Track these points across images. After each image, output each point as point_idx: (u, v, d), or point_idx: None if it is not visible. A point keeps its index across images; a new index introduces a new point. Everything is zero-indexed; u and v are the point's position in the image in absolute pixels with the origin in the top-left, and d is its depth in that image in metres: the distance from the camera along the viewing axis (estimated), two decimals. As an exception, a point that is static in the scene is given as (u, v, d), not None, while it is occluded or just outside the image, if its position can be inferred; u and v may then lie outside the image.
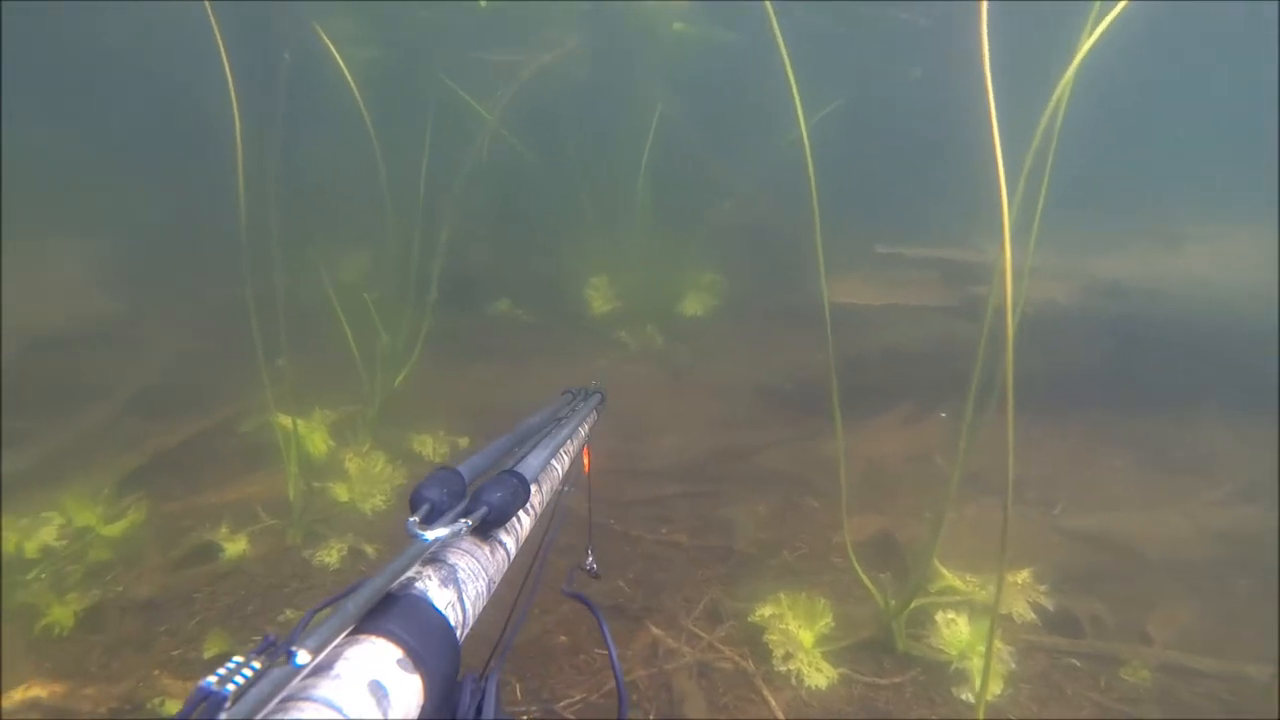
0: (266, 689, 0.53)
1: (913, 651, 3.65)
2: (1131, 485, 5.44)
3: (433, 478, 0.94)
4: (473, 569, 0.90)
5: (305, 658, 0.57)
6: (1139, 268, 6.71)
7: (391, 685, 0.64)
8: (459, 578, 0.86)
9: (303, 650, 0.57)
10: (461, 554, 0.91)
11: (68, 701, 3.16)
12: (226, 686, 0.52)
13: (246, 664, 0.54)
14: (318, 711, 0.56)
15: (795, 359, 6.81)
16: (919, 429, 6.07)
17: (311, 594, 4.03)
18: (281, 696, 0.56)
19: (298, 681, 0.58)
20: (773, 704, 3.35)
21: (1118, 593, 4.18)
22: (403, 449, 5.37)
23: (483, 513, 0.93)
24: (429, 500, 0.89)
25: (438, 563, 0.86)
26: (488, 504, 0.94)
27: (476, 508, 0.93)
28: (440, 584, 0.82)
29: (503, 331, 7.83)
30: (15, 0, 7.75)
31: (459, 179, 6.82)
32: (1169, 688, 3.48)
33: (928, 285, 6.71)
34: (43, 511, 4.16)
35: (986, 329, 3.12)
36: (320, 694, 0.58)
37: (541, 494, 1.21)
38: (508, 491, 0.98)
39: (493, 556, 0.97)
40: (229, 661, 0.54)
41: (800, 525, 4.79)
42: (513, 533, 1.06)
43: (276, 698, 0.55)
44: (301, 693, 0.58)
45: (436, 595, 0.80)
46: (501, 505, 0.96)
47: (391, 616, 0.71)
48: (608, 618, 3.82)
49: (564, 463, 1.38)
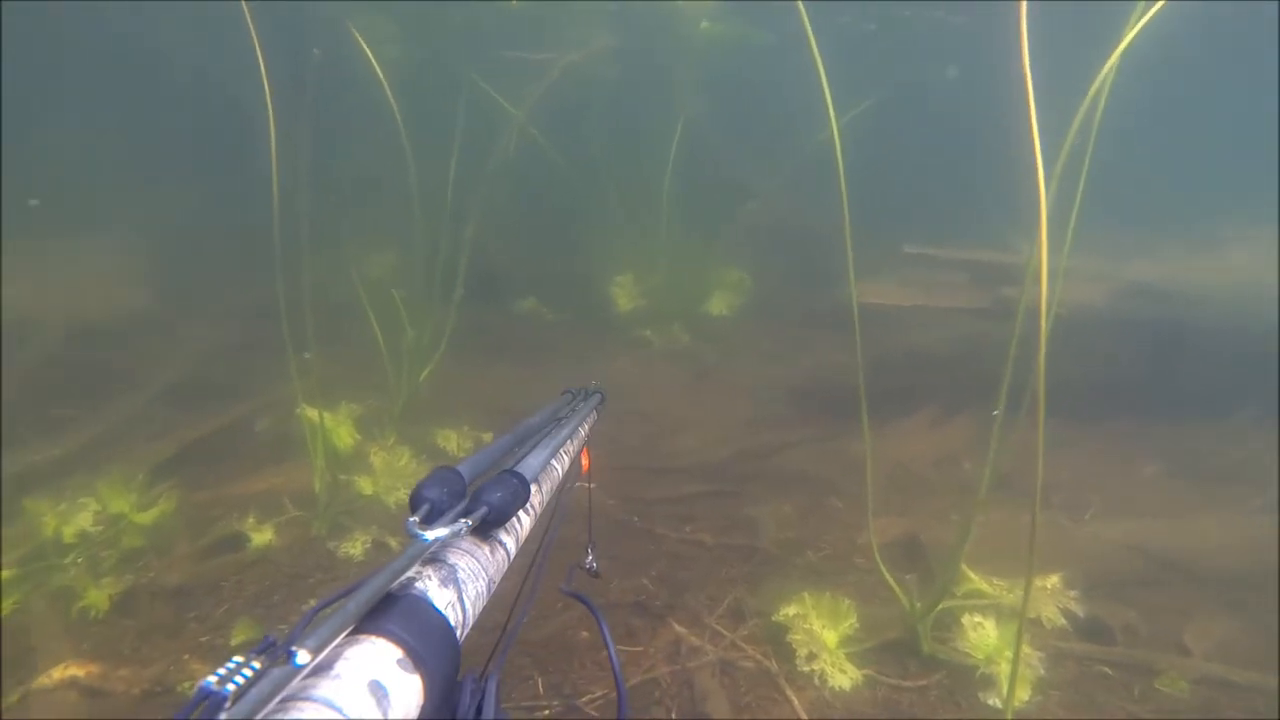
0: (266, 689, 0.53)
1: (938, 654, 3.60)
2: (1166, 492, 5.32)
3: (432, 478, 0.93)
4: (473, 569, 0.90)
5: (305, 658, 0.56)
6: (1177, 270, 6.56)
7: (391, 685, 0.64)
8: (459, 578, 0.86)
9: (303, 650, 0.56)
10: (461, 554, 0.91)
11: (103, 682, 3.22)
12: (226, 686, 0.52)
13: (246, 664, 0.54)
14: (318, 711, 0.56)
15: (822, 359, 6.76)
16: (946, 432, 5.99)
17: (335, 585, 4.06)
18: (281, 696, 0.56)
19: (298, 681, 0.58)
20: (795, 703, 3.32)
21: (1151, 601, 4.09)
22: (427, 443, 5.41)
23: (483, 513, 0.92)
24: (429, 500, 0.89)
25: (438, 563, 0.86)
26: (488, 504, 0.94)
27: (476, 508, 0.93)
28: (440, 584, 0.82)
29: (527, 329, 7.87)
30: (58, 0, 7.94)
31: (486, 177, 6.86)
32: (1209, 700, 3.39)
33: (957, 287, 6.62)
34: (79, 498, 4.24)
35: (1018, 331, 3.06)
36: (320, 694, 0.58)
37: (541, 494, 1.21)
38: (508, 491, 0.98)
39: (493, 556, 0.97)
40: (229, 661, 0.54)
41: (825, 526, 4.75)
42: (513, 533, 1.06)
43: (276, 698, 0.54)
44: (301, 693, 0.58)
45: (436, 595, 0.80)
46: (501, 505, 0.96)
47: (391, 616, 0.71)
48: (633, 614, 3.84)
49: (564, 463, 1.38)
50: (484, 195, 6.79)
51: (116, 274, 7.13)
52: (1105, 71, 2.78)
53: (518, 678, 3.39)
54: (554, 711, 3.21)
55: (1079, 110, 2.73)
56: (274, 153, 4.01)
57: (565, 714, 3.20)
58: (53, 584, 3.78)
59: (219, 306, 7.15)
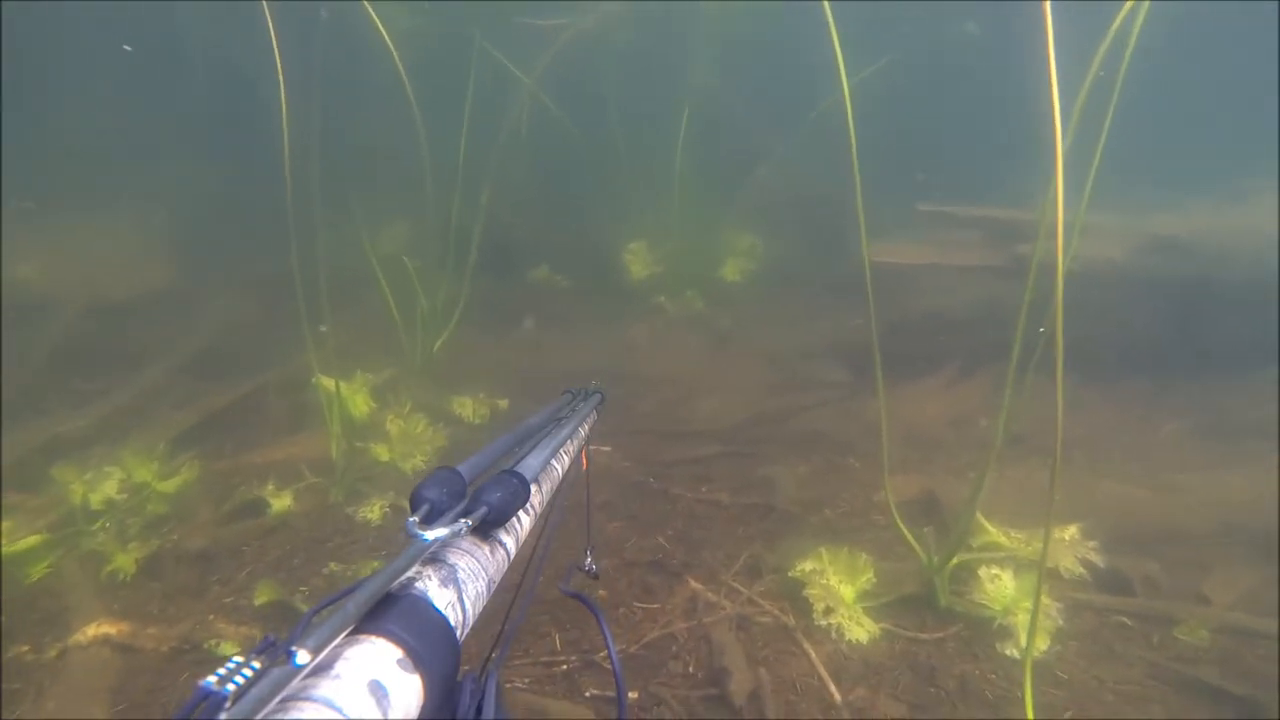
0: (266, 689, 0.53)
1: (955, 607, 3.60)
2: (1186, 449, 5.26)
3: (432, 478, 0.93)
4: (473, 569, 0.89)
5: (305, 658, 0.56)
6: (1200, 225, 6.40)
7: (391, 685, 0.64)
8: (459, 578, 0.86)
9: (303, 650, 0.56)
10: (461, 554, 0.90)
11: (133, 640, 3.32)
12: (226, 686, 0.52)
13: (246, 664, 0.54)
14: (318, 711, 0.56)
15: (836, 322, 6.71)
16: (963, 391, 5.94)
17: (354, 549, 4.13)
18: (281, 696, 0.56)
19: (298, 681, 0.58)
20: (813, 656, 3.33)
21: (1171, 554, 4.05)
22: (443, 411, 5.44)
23: (483, 513, 0.92)
24: (429, 500, 0.89)
25: (438, 563, 0.86)
26: (488, 504, 0.94)
27: (476, 508, 0.92)
28: (440, 584, 0.82)
29: (541, 297, 7.87)
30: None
31: (498, 145, 6.82)
32: (1230, 649, 3.36)
33: (973, 245, 6.51)
34: (104, 467, 4.33)
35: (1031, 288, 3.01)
36: (320, 694, 0.58)
37: (541, 494, 1.21)
38: (508, 491, 0.98)
39: (493, 556, 0.97)
40: (229, 661, 0.54)
41: (841, 485, 4.74)
42: (513, 532, 1.06)
43: (276, 698, 0.54)
44: (301, 693, 0.58)
45: (436, 595, 0.79)
46: (501, 505, 0.95)
47: (391, 616, 0.71)
48: (649, 573, 3.86)
49: (564, 463, 1.37)
50: (497, 163, 6.76)
51: (132, 250, 7.21)
52: (1120, 18, 2.69)
53: (535, 634, 3.43)
54: (571, 666, 3.25)
55: (1095, 59, 2.65)
56: (285, 126, 4.01)
57: (581, 668, 3.24)
58: (83, 548, 3.88)
59: (235, 280, 7.21)
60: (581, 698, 3.08)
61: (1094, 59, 2.71)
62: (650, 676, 3.20)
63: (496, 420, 5.55)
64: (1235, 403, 5.62)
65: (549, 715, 2.95)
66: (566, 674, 3.21)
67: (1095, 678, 3.23)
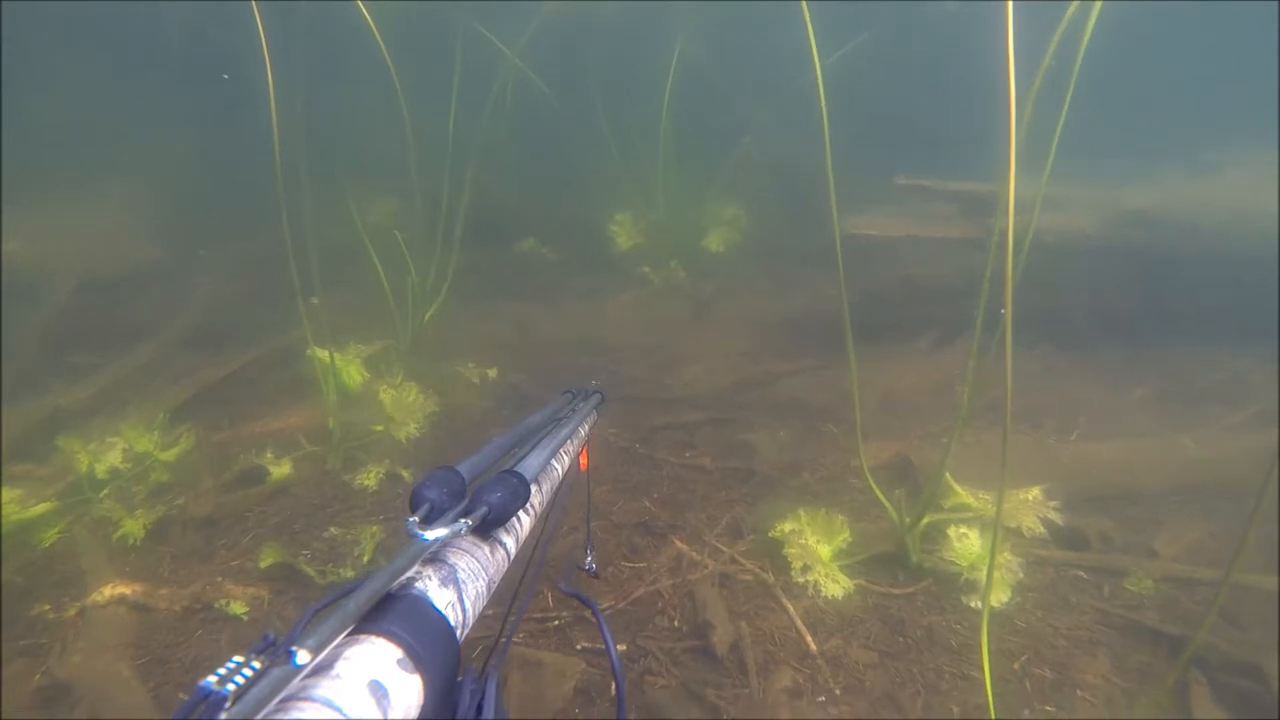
0: (266, 689, 0.54)
1: (926, 564, 3.82)
2: (1151, 413, 5.49)
3: (432, 478, 0.94)
4: (473, 569, 0.90)
5: (305, 658, 0.57)
6: (1171, 197, 6.58)
7: (391, 685, 0.64)
8: (459, 578, 0.86)
9: (303, 650, 0.57)
10: (461, 554, 0.91)
11: (148, 599, 3.49)
12: (226, 686, 0.52)
13: (246, 664, 0.55)
14: (318, 711, 0.56)
15: (818, 291, 6.88)
16: (940, 359, 6.14)
17: (352, 514, 4.30)
18: (281, 696, 0.56)
19: (298, 681, 0.58)
20: (791, 611, 3.55)
21: (1128, 513, 4.31)
22: (434, 381, 5.59)
23: (483, 512, 0.93)
24: (429, 500, 0.90)
25: (438, 562, 0.86)
26: (488, 504, 0.94)
27: (476, 507, 0.93)
28: (440, 584, 0.82)
29: (529, 268, 7.97)
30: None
31: (484, 119, 6.86)
32: (1170, 596, 3.63)
33: (949, 217, 6.67)
34: (106, 438, 4.45)
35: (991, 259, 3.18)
36: (320, 694, 0.58)
37: (541, 494, 1.21)
38: (507, 491, 0.98)
39: (493, 556, 0.97)
40: (229, 661, 0.55)
41: (820, 450, 4.94)
42: (512, 532, 1.06)
43: (276, 698, 0.55)
44: (301, 693, 0.58)
45: (436, 595, 0.80)
46: (501, 505, 0.96)
47: (391, 616, 0.71)
48: (636, 534, 4.06)
49: (564, 463, 1.38)
50: (483, 138, 6.81)
51: (121, 225, 7.23)
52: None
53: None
54: (563, 621, 3.45)
55: (1057, 32, 2.79)
56: (273, 98, 4.06)
57: (572, 623, 3.44)
58: (92, 515, 4.03)
59: (226, 255, 7.26)
60: (574, 650, 3.29)
61: (1059, 32, 2.84)
62: (638, 630, 3.42)
63: (486, 388, 5.71)
64: (1197, 370, 5.86)
65: (544, 665, 3.16)
66: (559, 629, 3.41)
67: (1050, 626, 3.48)
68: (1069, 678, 3.18)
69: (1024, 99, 2.84)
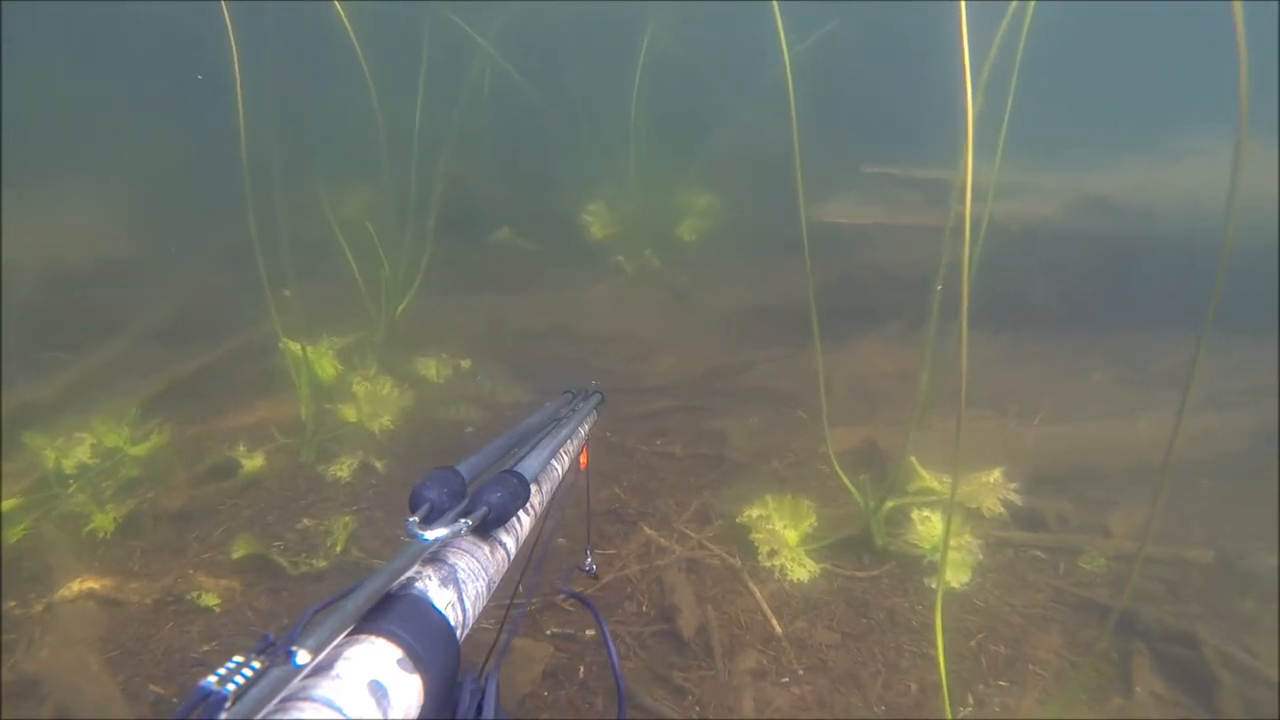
0: (266, 689, 0.54)
1: (890, 547, 3.92)
2: (1110, 397, 5.63)
3: (432, 478, 0.94)
4: (472, 569, 0.90)
5: (305, 658, 0.57)
6: (1131, 185, 6.71)
7: (391, 685, 0.64)
8: (459, 578, 0.86)
9: (303, 650, 0.57)
10: (461, 554, 0.91)
11: (118, 593, 3.50)
12: (226, 686, 0.53)
13: (246, 664, 0.55)
14: (318, 711, 0.57)
15: (789, 279, 6.90)
16: (907, 346, 6.23)
17: (325, 505, 4.32)
18: (281, 696, 0.56)
19: (298, 681, 0.59)
20: (757, 595, 3.64)
21: (1085, 494, 4.44)
22: (408, 372, 5.61)
23: (483, 513, 0.93)
24: (429, 500, 0.90)
25: (438, 562, 0.87)
26: (488, 504, 0.95)
27: (476, 507, 0.93)
28: (440, 584, 0.83)
29: (503, 259, 7.97)
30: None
31: (456, 109, 6.84)
32: (1120, 573, 3.76)
33: (915, 205, 6.77)
34: (74, 433, 4.43)
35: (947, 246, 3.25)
36: (320, 694, 0.59)
37: (541, 494, 1.22)
38: (507, 491, 0.99)
39: (492, 556, 0.98)
40: (229, 661, 0.55)
41: (790, 436, 5.02)
42: (512, 532, 1.07)
43: (276, 698, 0.55)
44: (301, 693, 0.58)
45: (436, 595, 0.80)
46: (501, 505, 0.96)
47: (391, 616, 0.71)
48: (607, 521, 4.12)
49: (564, 463, 1.38)
50: (457, 128, 6.79)
51: (92, 220, 7.14)
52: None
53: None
54: (532, 607, 3.50)
55: (1004, 22, 2.85)
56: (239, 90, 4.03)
57: (542, 609, 3.50)
58: (60, 510, 4.02)
59: (197, 248, 7.19)
60: (543, 635, 3.35)
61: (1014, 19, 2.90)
62: (608, 615, 3.49)
63: (459, 380, 5.73)
64: (1155, 354, 6.00)
65: (513, 650, 3.21)
66: (529, 615, 3.47)
67: (1007, 604, 3.59)
68: (1022, 653, 3.30)
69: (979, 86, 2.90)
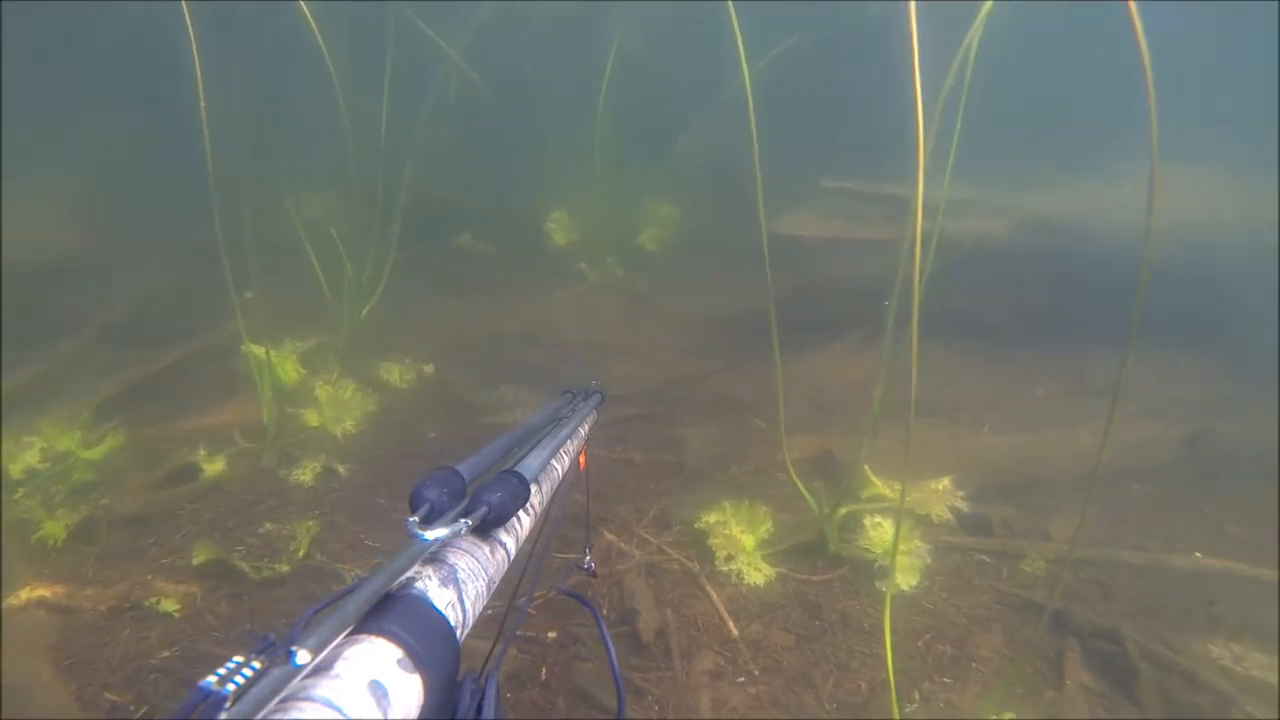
0: (266, 689, 0.54)
1: (843, 552, 4.06)
2: (1055, 408, 5.88)
3: (432, 478, 0.94)
4: (473, 569, 0.90)
5: (305, 658, 0.57)
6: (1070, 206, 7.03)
7: (391, 685, 0.64)
8: (459, 578, 0.86)
9: (302, 650, 0.57)
10: (461, 554, 0.91)
11: (70, 601, 3.45)
12: (226, 686, 0.53)
13: (246, 664, 0.55)
14: (318, 711, 0.57)
15: (749, 289, 7.06)
16: (866, 356, 6.42)
17: (287, 510, 4.31)
18: (281, 696, 0.56)
19: (297, 681, 0.59)
20: (714, 598, 3.74)
21: (1029, 500, 4.64)
22: (371, 376, 5.60)
23: (483, 513, 0.93)
24: (429, 500, 0.90)
25: (437, 562, 0.87)
26: (488, 504, 0.94)
27: (476, 507, 0.93)
28: (440, 584, 0.83)
29: (466, 264, 7.97)
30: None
31: (421, 115, 6.85)
32: (1057, 574, 3.95)
33: (874, 220, 6.98)
34: (23, 436, 4.34)
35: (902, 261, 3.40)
36: (320, 694, 0.59)
37: (541, 494, 1.22)
38: (508, 491, 0.99)
39: (493, 556, 0.98)
40: (229, 661, 0.55)
41: (748, 444, 5.14)
42: (512, 532, 1.07)
43: (276, 698, 0.55)
44: (301, 693, 0.58)
45: (436, 595, 0.80)
46: (501, 505, 0.96)
47: (391, 616, 0.72)
48: (568, 526, 4.17)
49: (564, 463, 1.39)
50: (421, 133, 6.80)
51: (45, 217, 6.96)
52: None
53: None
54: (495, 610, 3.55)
55: (963, 45, 3.01)
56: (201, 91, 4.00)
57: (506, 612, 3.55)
58: (6, 517, 3.93)
59: (157, 248, 7.05)
60: (506, 638, 3.40)
61: (967, 46, 3.05)
62: (568, 618, 3.55)
63: (422, 384, 5.73)
64: (1095, 367, 6.28)
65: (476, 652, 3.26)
66: (492, 618, 3.51)
67: (953, 606, 3.76)
68: (966, 652, 3.46)
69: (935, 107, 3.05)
